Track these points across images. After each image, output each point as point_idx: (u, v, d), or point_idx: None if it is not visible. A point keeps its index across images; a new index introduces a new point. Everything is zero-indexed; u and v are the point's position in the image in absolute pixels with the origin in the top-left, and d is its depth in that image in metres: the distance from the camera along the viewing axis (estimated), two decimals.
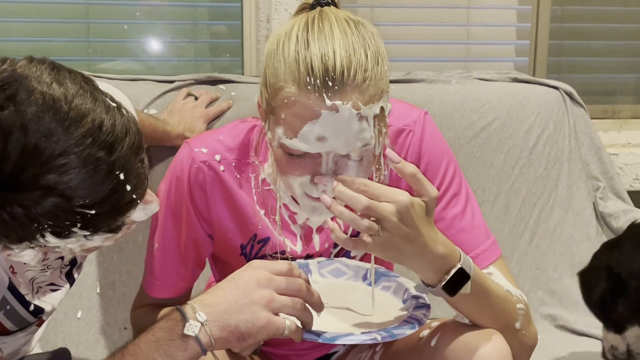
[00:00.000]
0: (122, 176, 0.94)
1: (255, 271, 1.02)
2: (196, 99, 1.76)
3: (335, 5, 1.12)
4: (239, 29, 2.18)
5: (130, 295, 1.63)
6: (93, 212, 0.93)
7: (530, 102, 1.93)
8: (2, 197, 0.89)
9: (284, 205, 1.23)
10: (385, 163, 1.20)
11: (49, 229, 0.92)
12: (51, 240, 0.94)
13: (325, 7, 1.10)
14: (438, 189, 1.08)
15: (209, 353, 1.01)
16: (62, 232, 0.93)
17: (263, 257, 1.27)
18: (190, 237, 1.27)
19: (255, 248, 1.27)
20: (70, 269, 1.25)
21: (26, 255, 1.00)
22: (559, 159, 1.93)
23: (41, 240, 0.94)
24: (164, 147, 1.66)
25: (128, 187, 0.95)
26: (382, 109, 1.08)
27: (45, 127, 0.88)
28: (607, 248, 1.56)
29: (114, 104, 0.96)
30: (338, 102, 1.03)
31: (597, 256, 1.55)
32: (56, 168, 0.89)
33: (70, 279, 1.26)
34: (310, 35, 1.05)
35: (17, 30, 2.12)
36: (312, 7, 1.11)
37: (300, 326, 1.02)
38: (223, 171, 1.23)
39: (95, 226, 0.95)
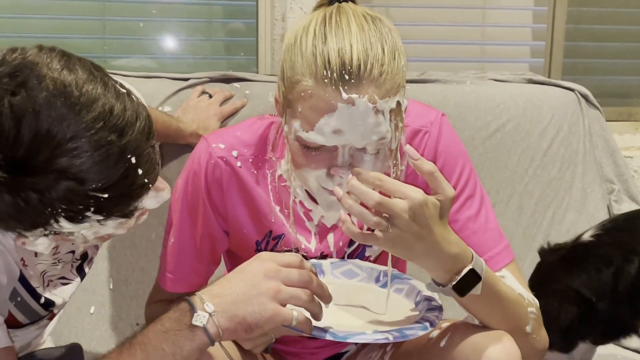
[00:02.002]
0: (133, 160, 0.95)
1: (262, 263, 1.02)
2: (210, 97, 1.76)
3: (353, 1, 1.12)
4: (254, 27, 2.18)
5: (143, 291, 1.64)
6: (106, 195, 0.94)
7: (545, 104, 1.92)
8: (16, 181, 0.90)
9: (300, 202, 1.23)
10: (402, 158, 1.21)
11: (62, 214, 0.93)
12: (65, 225, 0.95)
13: (343, 3, 1.11)
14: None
15: (218, 347, 1.02)
16: (75, 217, 0.94)
17: None
18: (206, 233, 1.27)
19: (271, 244, 1.27)
20: (81, 263, 1.26)
21: (40, 244, 1.00)
22: (574, 161, 1.92)
23: (55, 225, 0.95)
24: (178, 144, 1.67)
25: (140, 171, 0.96)
26: (398, 103, 1.08)
27: (57, 112, 0.90)
28: (556, 269, 1.54)
29: (124, 90, 0.98)
30: (354, 96, 1.03)
31: (543, 279, 1.53)
32: (68, 151, 0.90)
33: (81, 273, 1.27)
34: (328, 29, 1.06)
35: (33, 27, 2.13)
36: (330, 2, 1.12)
37: (310, 317, 1.03)
38: (240, 167, 1.24)
39: (109, 210, 0.96)
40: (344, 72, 1.03)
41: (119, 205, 0.97)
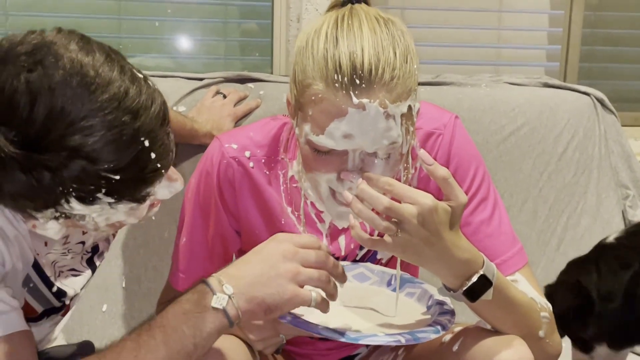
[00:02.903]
0: (146, 143, 0.95)
1: (280, 244, 1.02)
2: (225, 97, 1.76)
3: (366, 3, 1.11)
4: (269, 28, 2.19)
5: (155, 290, 1.64)
6: (117, 177, 0.94)
7: (561, 108, 1.91)
8: (29, 158, 0.90)
9: (311, 203, 1.23)
10: (413, 163, 1.20)
11: (73, 193, 0.93)
12: (76, 206, 0.95)
13: (356, 5, 1.10)
14: (466, 193, 1.07)
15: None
16: (86, 198, 0.95)
17: None
18: (218, 232, 1.27)
19: None
20: (92, 255, 1.26)
21: (50, 229, 1.01)
22: (589, 166, 1.91)
23: (66, 206, 0.95)
24: (192, 144, 1.67)
25: (152, 155, 0.97)
26: (409, 107, 1.07)
27: (72, 90, 0.91)
28: (575, 266, 1.55)
29: (141, 75, 0.99)
30: (365, 100, 1.02)
31: (565, 273, 1.53)
32: (81, 130, 0.91)
33: (92, 266, 1.27)
34: (339, 32, 1.05)
35: (49, 25, 2.11)
36: (342, 4, 1.11)
37: (326, 298, 1.03)
38: (252, 167, 1.24)
39: (120, 193, 0.97)
40: (355, 76, 1.02)
41: (130, 189, 0.97)
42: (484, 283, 1.05)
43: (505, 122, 1.87)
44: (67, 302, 1.24)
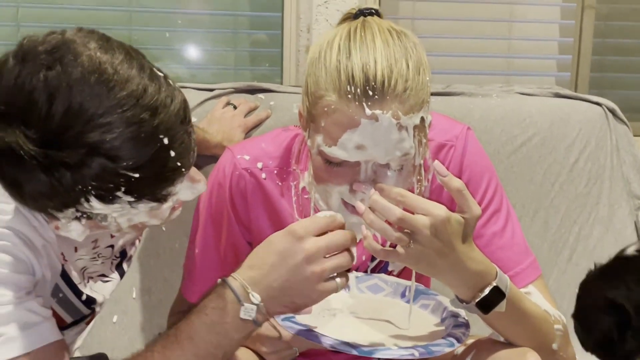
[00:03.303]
0: (165, 141, 0.95)
1: (300, 243, 1.00)
2: (235, 108, 1.76)
3: (379, 16, 1.11)
4: (279, 38, 2.19)
5: (166, 301, 1.64)
6: (137, 175, 0.94)
7: (572, 118, 1.90)
8: (48, 156, 0.90)
9: None
10: (426, 174, 1.20)
11: (93, 192, 0.93)
12: (96, 205, 0.95)
13: (369, 17, 1.10)
14: (479, 205, 1.06)
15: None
16: (106, 196, 0.94)
17: None
18: (230, 243, 1.27)
19: None
20: (121, 260, 1.27)
21: (73, 230, 1.01)
22: (601, 176, 1.90)
23: (86, 205, 0.95)
24: (203, 155, 1.67)
25: (172, 153, 0.96)
26: (422, 119, 1.07)
27: (90, 87, 0.91)
28: (594, 285, 1.52)
29: (161, 74, 0.99)
30: (378, 112, 1.02)
31: (586, 296, 1.51)
32: (99, 126, 0.91)
33: (120, 271, 1.28)
34: (352, 44, 1.05)
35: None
36: (355, 16, 1.11)
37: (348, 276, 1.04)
38: (264, 179, 1.24)
39: (140, 192, 0.96)
40: (367, 87, 1.02)
41: (150, 187, 0.97)
42: (497, 295, 1.04)
43: (516, 133, 1.86)
44: (97, 309, 1.24)
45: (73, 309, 1.19)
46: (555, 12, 2.36)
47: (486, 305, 1.04)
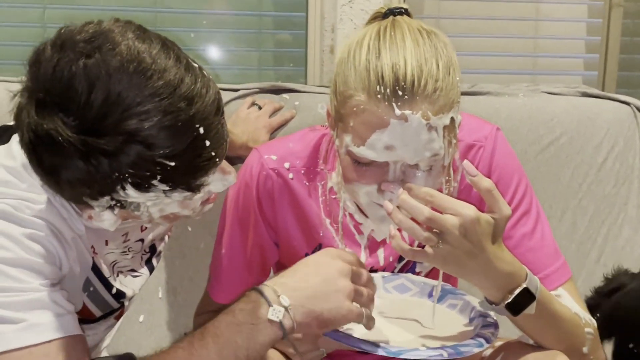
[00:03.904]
0: (201, 130, 0.96)
1: (334, 260, 1.04)
2: (260, 108, 1.76)
3: (408, 15, 1.10)
4: (303, 38, 2.19)
5: (191, 301, 1.64)
6: (173, 164, 0.94)
7: (600, 117, 1.88)
8: (86, 143, 0.91)
9: (350, 214, 1.22)
10: (455, 174, 1.19)
11: (129, 180, 0.94)
12: (131, 193, 0.96)
13: (398, 17, 1.09)
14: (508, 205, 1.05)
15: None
16: (142, 184, 0.95)
17: None
18: (257, 244, 1.27)
19: None
20: (150, 256, 1.27)
21: (106, 220, 1.02)
22: (629, 176, 1.87)
23: (122, 193, 0.96)
24: (228, 156, 1.66)
25: (207, 143, 0.97)
26: (452, 119, 1.06)
27: (128, 76, 0.92)
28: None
29: (196, 65, 1.00)
30: (407, 112, 1.01)
31: (625, 304, 1.48)
32: (137, 114, 0.91)
33: (150, 267, 1.28)
34: (382, 44, 1.04)
35: None
36: (384, 16, 1.10)
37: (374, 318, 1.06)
38: (292, 179, 1.24)
39: (175, 180, 0.97)
40: (397, 87, 1.01)
41: (185, 177, 0.98)
42: (527, 297, 1.03)
43: (543, 132, 1.84)
44: (126, 302, 1.25)
45: (103, 303, 1.20)
46: (582, 10, 2.34)
47: (516, 308, 1.03)
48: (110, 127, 0.91)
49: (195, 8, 2.21)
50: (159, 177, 0.95)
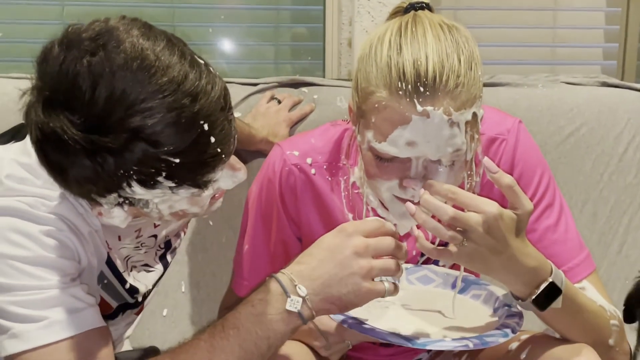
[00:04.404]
0: (206, 127, 0.96)
1: (349, 239, 1.02)
2: (279, 102, 1.77)
3: (430, 9, 1.10)
4: (320, 31, 2.19)
5: (214, 295, 1.65)
6: (177, 160, 0.95)
7: (620, 107, 1.86)
8: (91, 141, 0.92)
9: (372, 209, 1.23)
10: (477, 169, 1.19)
11: (135, 177, 0.95)
12: (138, 190, 0.96)
13: (419, 11, 1.09)
14: (531, 199, 1.05)
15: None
16: (147, 181, 0.96)
17: None
18: (280, 239, 1.27)
19: None
20: (165, 252, 1.28)
21: (116, 216, 1.03)
22: None
23: (128, 190, 0.96)
24: (248, 150, 1.68)
25: (212, 139, 0.97)
26: (474, 114, 1.06)
27: (132, 73, 0.92)
28: None
29: (202, 61, 1.00)
30: (429, 108, 1.01)
31: None
32: (141, 111, 0.92)
33: (164, 262, 1.29)
34: (403, 40, 1.04)
35: None
36: (405, 11, 1.10)
37: (397, 286, 1.04)
38: (314, 174, 1.24)
39: (180, 177, 0.97)
40: (419, 84, 1.01)
41: (191, 173, 0.98)
42: (554, 291, 1.03)
43: (563, 123, 1.83)
44: (140, 298, 1.26)
45: (117, 294, 1.21)
46: (601, 0, 2.32)
47: (543, 302, 1.03)
48: (114, 125, 0.92)
49: (212, 3, 2.22)
50: (164, 174, 0.95)
